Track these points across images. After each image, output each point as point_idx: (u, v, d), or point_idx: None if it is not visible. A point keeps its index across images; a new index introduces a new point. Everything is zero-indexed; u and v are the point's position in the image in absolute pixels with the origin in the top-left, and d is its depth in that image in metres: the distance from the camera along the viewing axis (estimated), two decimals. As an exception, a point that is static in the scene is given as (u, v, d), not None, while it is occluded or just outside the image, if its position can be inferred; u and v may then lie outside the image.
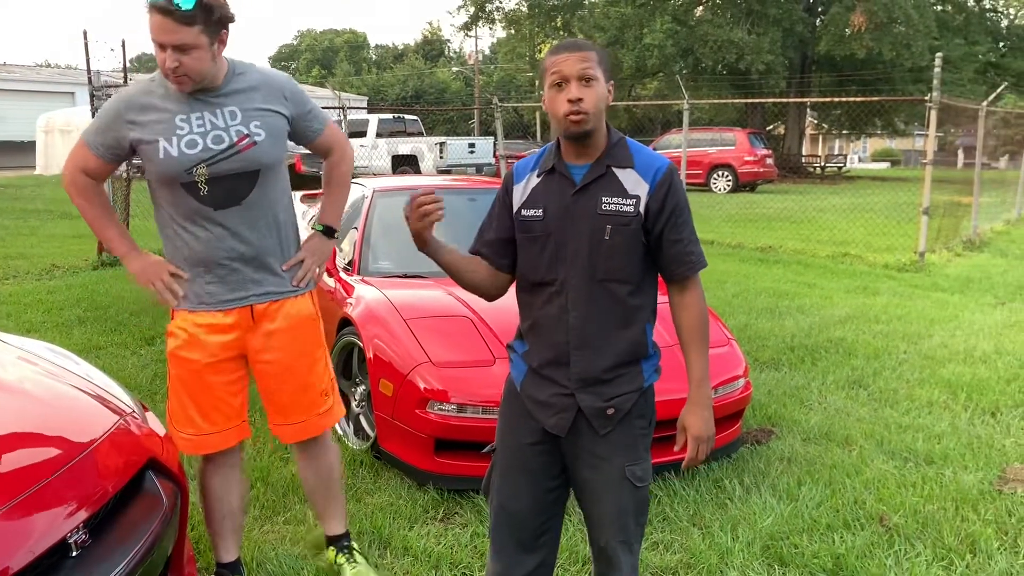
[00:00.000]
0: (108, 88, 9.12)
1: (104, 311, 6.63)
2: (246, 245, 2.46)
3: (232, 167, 2.40)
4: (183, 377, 2.54)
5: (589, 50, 1.94)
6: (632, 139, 2.06)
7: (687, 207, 2.01)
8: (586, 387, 2.02)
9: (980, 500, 3.50)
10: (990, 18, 32.15)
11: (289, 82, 2.57)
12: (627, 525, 2.05)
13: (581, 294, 1.99)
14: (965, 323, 6.77)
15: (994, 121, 14.95)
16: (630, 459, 2.03)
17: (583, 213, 1.98)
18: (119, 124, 2.41)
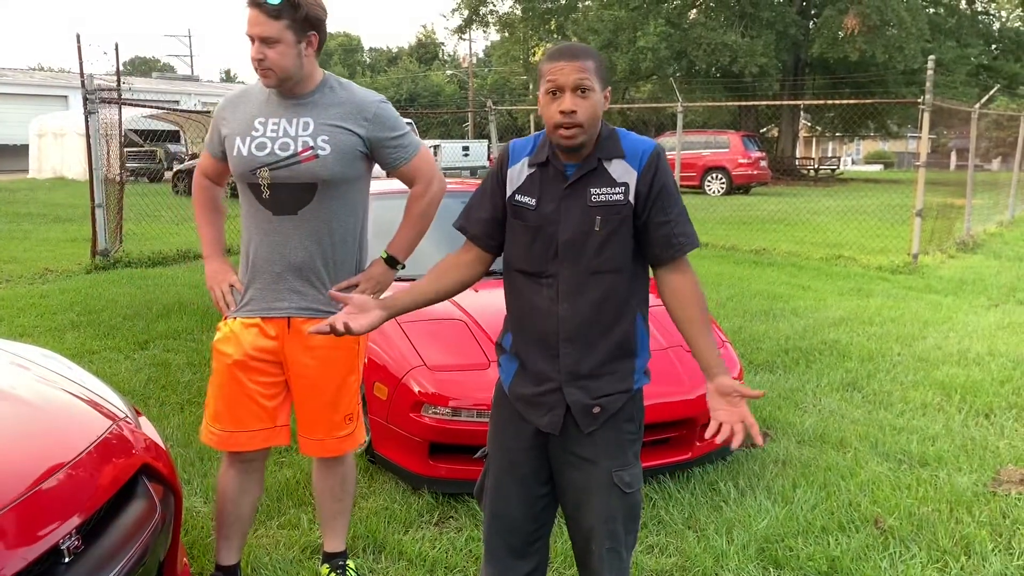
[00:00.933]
0: (102, 91, 9.10)
1: (97, 315, 6.61)
2: (295, 255, 2.49)
3: (292, 176, 2.43)
4: (218, 370, 2.57)
5: (587, 59, 1.90)
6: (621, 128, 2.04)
7: (675, 187, 1.99)
8: (574, 381, 1.99)
9: (974, 502, 3.50)
10: (982, 21, 32.29)
11: (378, 106, 2.51)
12: (616, 532, 2.02)
13: (572, 286, 1.97)
14: (959, 325, 6.78)
15: (986, 123, 15.02)
16: (618, 463, 2.00)
17: (574, 207, 1.96)
18: (219, 120, 2.55)
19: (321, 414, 2.61)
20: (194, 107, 27.51)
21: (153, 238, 10.67)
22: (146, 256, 9.55)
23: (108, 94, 9.27)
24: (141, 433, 2.42)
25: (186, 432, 4.12)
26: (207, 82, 51.89)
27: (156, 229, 11.42)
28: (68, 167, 26.79)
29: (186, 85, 45.41)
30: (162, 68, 68.22)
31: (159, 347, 5.73)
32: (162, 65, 72.97)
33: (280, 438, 2.63)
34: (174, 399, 4.63)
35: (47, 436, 2.12)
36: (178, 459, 3.77)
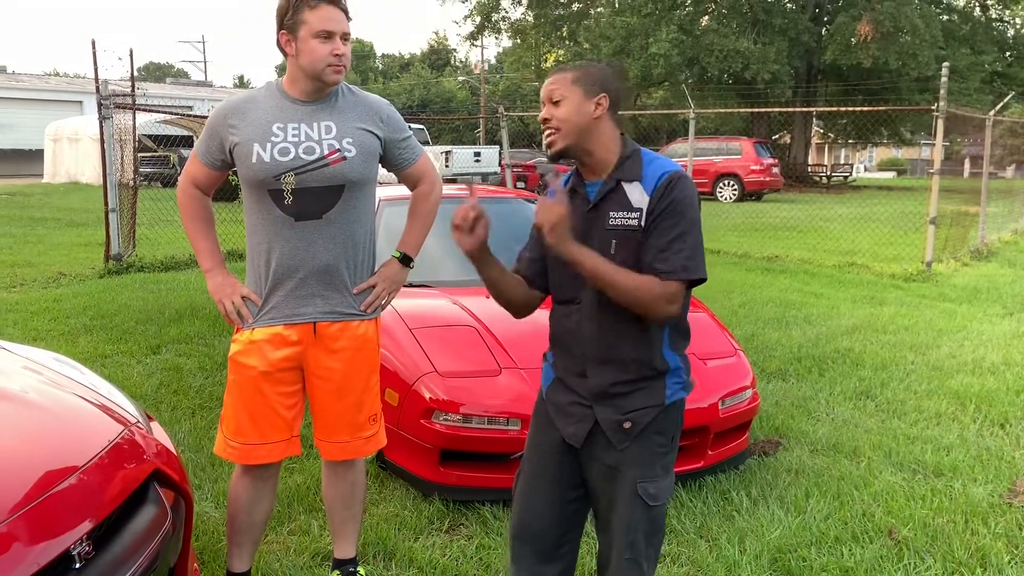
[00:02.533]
0: (116, 97, 9.15)
1: (110, 320, 6.63)
2: (320, 259, 2.49)
3: (319, 179, 2.44)
4: (239, 383, 2.55)
5: (565, 72, 2.02)
6: (648, 151, 2.05)
7: (680, 214, 1.92)
8: (602, 400, 2.04)
9: (990, 513, 3.47)
10: (996, 28, 32.11)
11: (388, 107, 2.61)
12: (636, 543, 2.02)
13: (594, 309, 2.02)
14: (973, 333, 6.73)
15: (1001, 130, 14.92)
16: (644, 475, 2.01)
17: (594, 230, 2.00)
18: (222, 128, 2.48)
19: (346, 416, 2.60)
20: (208, 112, 27.67)
21: (166, 242, 10.71)
22: (159, 260, 9.59)
23: (123, 100, 9.33)
24: (152, 438, 2.42)
25: (197, 437, 4.12)
26: (220, 88, 52.19)
27: (169, 233, 11.45)
28: (82, 172, 26.98)
29: (199, 91, 45.69)
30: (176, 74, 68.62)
31: (171, 352, 5.74)
32: (176, 71, 73.45)
33: (295, 448, 2.63)
34: (185, 404, 4.64)
35: (59, 441, 2.13)
36: (189, 464, 3.77)
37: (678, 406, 2.07)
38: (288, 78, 2.50)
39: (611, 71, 2.06)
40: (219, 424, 2.63)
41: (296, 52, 2.41)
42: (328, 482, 2.76)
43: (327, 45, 2.38)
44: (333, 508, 2.77)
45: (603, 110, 1.99)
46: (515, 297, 2.19)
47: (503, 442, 3.33)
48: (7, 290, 8.02)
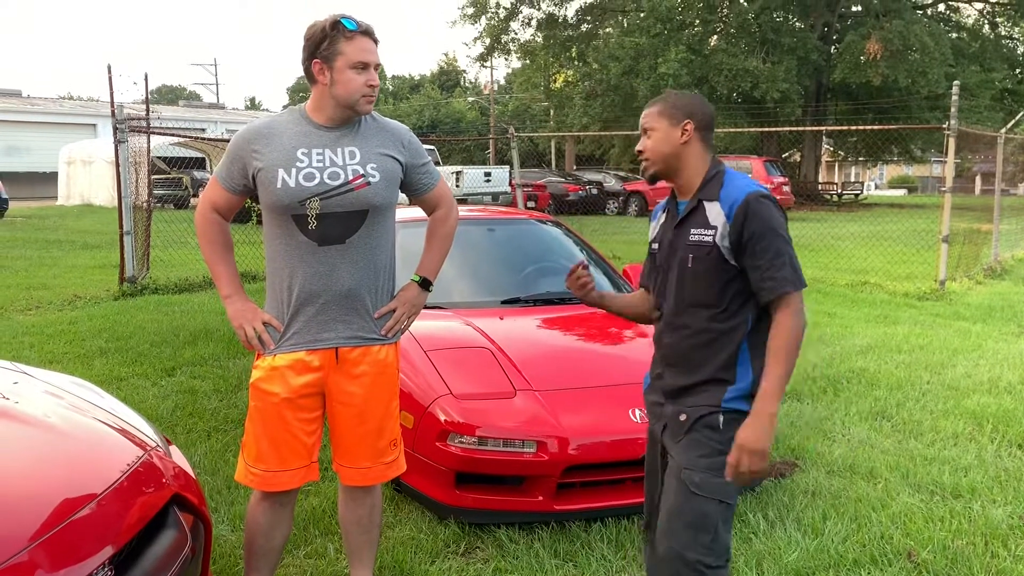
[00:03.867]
0: (131, 120, 9.25)
1: (126, 342, 6.67)
2: (342, 284, 2.50)
3: (343, 204, 2.46)
4: (261, 410, 2.54)
5: (652, 106, 2.27)
6: (732, 171, 2.24)
7: (771, 233, 2.10)
8: (672, 398, 2.25)
9: (1010, 535, 3.44)
10: (1006, 45, 32.10)
11: (408, 133, 2.66)
12: (676, 530, 2.13)
13: (672, 317, 2.26)
14: (988, 352, 6.69)
15: (1012, 147, 14.89)
16: (691, 463, 2.16)
17: (679, 244, 2.23)
18: (245, 153, 2.49)
19: (366, 441, 2.61)
20: (220, 135, 27.88)
21: (179, 264, 10.78)
22: (173, 283, 9.65)
23: (137, 123, 9.42)
24: (171, 462, 2.44)
25: (213, 460, 4.14)
26: (232, 110, 52.67)
27: (182, 255, 11.53)
28: (96, 194, 27.20)
29: (212, 113, 46.11)
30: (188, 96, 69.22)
31: (186, 374, 5.77)
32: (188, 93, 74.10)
33: (314, 473, 2.63)
34: (201, 426, 4.65)
35: (80, 465, 2.14)
36: (205, 487, 3.78)
37: (739, 416, 2.13)
38: (314, 105, 2.51)
39: (695, 99, 2.27)
40: (240, 451, 2.63)
41: (331, 81, 2.43)
42: (345, 506, 2.76)
43: (363, 76, 2.42)
44: (350, 532, 2.77)
45: (690, 135, 2.21)
46: (639, 312, 2.50)
47: (519, 464, 3.33)
48: (23, 312, 8.08)
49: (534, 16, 34.05)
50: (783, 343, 2.07)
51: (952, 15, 32.68)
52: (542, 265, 5.09)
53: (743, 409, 2.13)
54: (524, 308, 4.51)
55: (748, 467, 2.04)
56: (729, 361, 2.17)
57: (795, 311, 2.08)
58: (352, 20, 2.43)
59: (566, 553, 3.26)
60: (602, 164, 38.00)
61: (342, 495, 2.76)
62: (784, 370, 2.06)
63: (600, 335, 4.31)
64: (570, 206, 23.14)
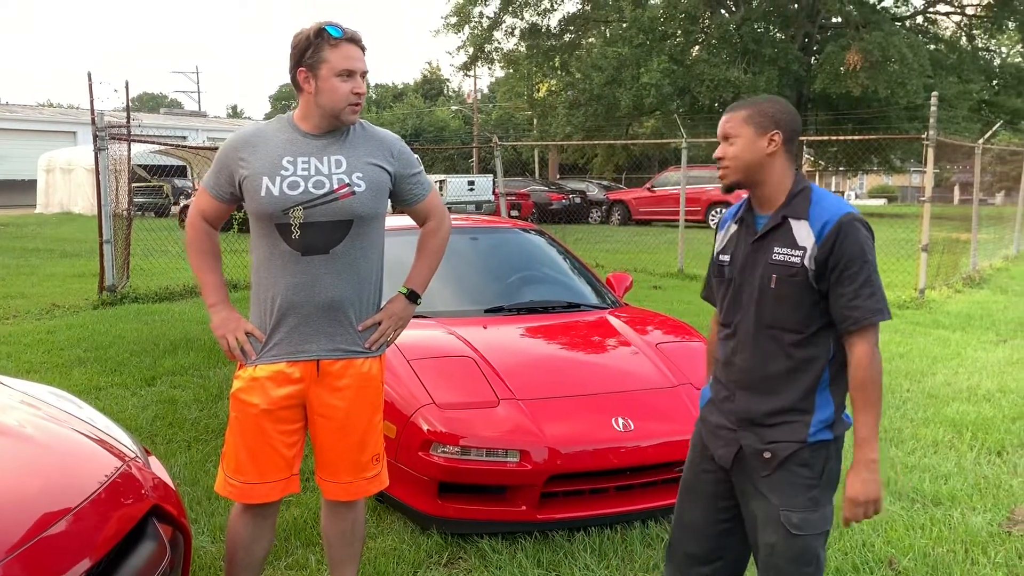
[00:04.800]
0: (112, 128, 9.18)
1: (104, 351, 6.60)
2: (325, 295, 2.46)
3: (327, 214, 2.43)
4: (241, 421, 2.51)
5: (737, 111, 2.11)
6: (818, 187, 2.11)
7: (861, 260, 2.00)
8: (747, 427, 2.13)
9: (989, 542, 3.46)
10: (983, 57, 32.51)
11: (398, 142, 2.62)
12: (781, 567, 2.08)
13: (749, 338, 2.12)
14: (968, 361, 6.75)
15: (990, 157, 15.07)
16: (788, 504, 2.06)
17: (759, 261, 2.10)
18: (232, 161, 2.47)
19: (348, 456, 2.57)
20: (202, 143, 27.76)
21: (160, 273, 10.70)
22: (153, 291, 9.57)
23: (118, 131, 9.36)
24: (150, 473, 2.41)
25: (193, 470, 4.10)
26: (214, 118, 52.45)
27: (163, 264, 11.46)
28: (75, 202, 26.99)
29: (193, 121, 45.90)
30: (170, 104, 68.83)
31: (166, 383, 5.72)
32: (170, 101, 73.75)
33: (294, 486, 2.60)
34: (181, 436, 4.61)
35: (58, 477, 2.11)
36: (185, 497, 3.74)
37: (827, 446, 2.08)
38: (301, 113, 2.49)
39: (783, 107, 2.11)
40: (220, 461, 2.59)
41: (316, 90, 2.41)
42: (328, 520, 2.73)
43: (348, 84, 2.39)
44: (332, 546, 2.74)
45: (777, 146, 2.07)
46: None
47: (502, 474, 3.32)
48: (0, 322, 7.99)
49: (517, 26, 34.15)
50: (870, 381, 1.99)
51: (930, 27, 33.07)
52: (525, 274, 5.09)
53: (828, 439, 2.07)
54: (508, 317, 4.51)
55: (866, 517, 2.02)
56: (809, 389, 2.06)
57: (875, 345, 2.00)
58: (337, 27, 2.40)
59: (549, 563, 3.25)
60: (585, 173, 38.10)
61: (325, 509, 2.73)
62: (876, 411, 2.00)
63: (584, 344, 4.31)
64: (553, 215, 23.18)
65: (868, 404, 2.00)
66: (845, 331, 2.01)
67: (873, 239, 2.07)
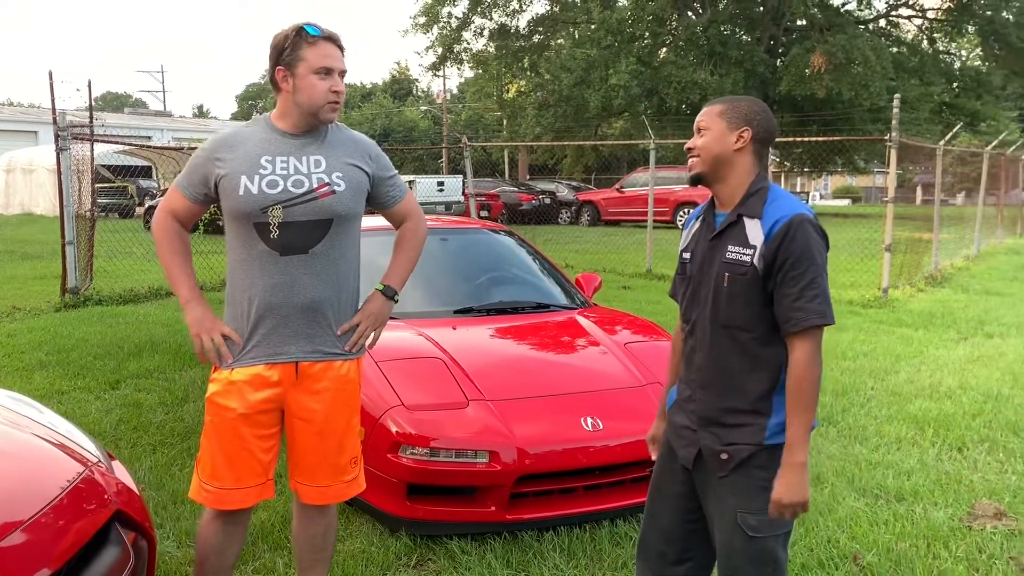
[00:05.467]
0: (74, 128, 9.04)
1: (67, 355, 6.49)
2: (304, 296, 2.44)
3: (307, 213, 2.41)
4: (217, 425, 2.47)
5: (714, 105, 2.15)
6: (777, 187, 2.12)
7: (808, 261, 1.99)
8: (706, 426, 2.14)
9: (951, 537, 3.52)
10: (943, 60, 33.08)
11: (375, 146, 2.63)
12: (740, 568, 2.09)
13: (706, 336, 2.14)
14: (930, 359, 6.87)
15: (951, 159, 15.35)
16: (744, 506, 2.07)
17: (715, 260, 2.12)
18: (208, 162, 2.45)
19: (327, 459, 2.55)
20: (167, 143, 27.43)
21: (124, 275, 10.56)
22: (117, 294, 9.43)
23: (80, 131, 9.21)
24: (114, 478, 2.38)
25: (158, 474, 4.04)
26: (179, 118, 51.82)
27: (127, 266, 11.30)
28: (36, 203, 26.52)
29: (158, 121, 45.32)
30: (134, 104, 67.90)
31: (130, 387, 5.63)
32: (134, 100, 72.75)
33: (269, 491, 2.57)
34: (146, 440, 4.55)
35: (16, 485, 2.07)
36: (150, 502, 3.69)
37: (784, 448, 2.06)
38: (279, 112, 2.48)
39: (759, 108, 2.13)
40: (195, 467, 2.55)
41: (294, 88, 2.40)
42: (300, 524, 2.70)
43: (326, 82, 2.38)
44: (302, 550, 2.71)
45: (744, 143, 2.09)
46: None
47: (471, 475, 3.31)
48: (-41, 325, 7.82)
49: (486, 26, 34.17)
50: (807, 385, 1.97)
51: (893, 30, 33.58)
52: (495, 275, 5.09)
53: (782, 441, 2.06)
54: (477, 318, 4.51)
55: (791, 518, 2.01)
56: (767, 391, 2.06)
57: (816, 349, 1.99)
58: (315, 26, 2.40)
59: (518, 563, 3.25)
60: (555, 174, 38.22)
61: (297, 513, 2.70)
62: (809, 416, 1.98)
63: (553, 344, 4.32)
64: (523, 215, 23.22)
65: (801, 406, 1.98)
66: (787, 332, 2.01)
67: (826, 243, 2.07)
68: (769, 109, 2.16)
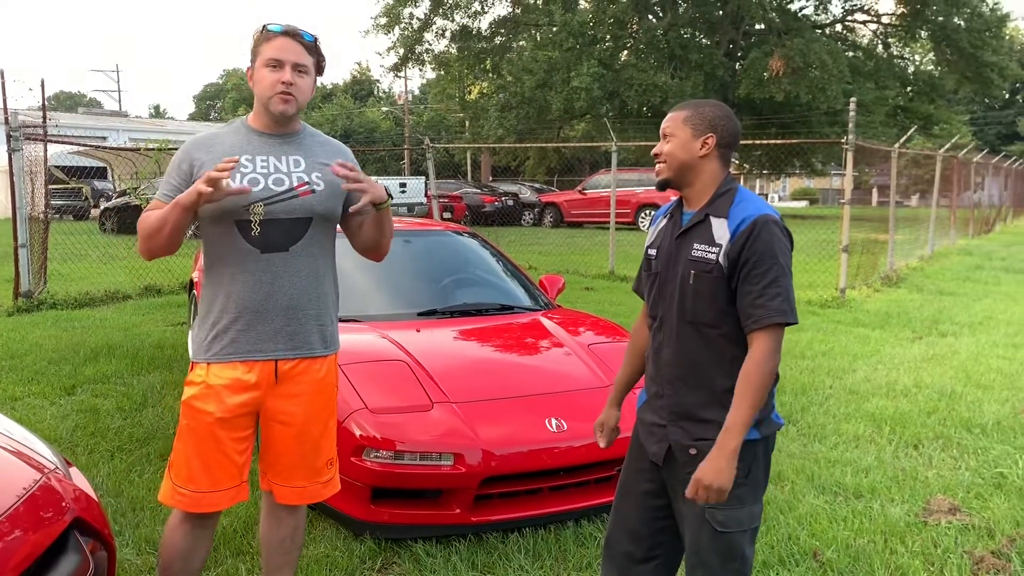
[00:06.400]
0: (27, 128, 8.85)
1: (21, 360, 6.35)
2: (285, 294, 2.44)
3: (287, 211, 2.42)
4: (193, 428, 2.44)
5: (680, 110, 2.19)
6: (744, 189, 2.16)
7: (770, 260, 2.02)
8: (676, 421, 2.17)
9: (907, 532, 3.60)
10: (898, 64, 33.79)
11: (351, 153, 2.64)
12: (707, 563, 2.11)
13: (674, 332, 2.17)
14: (886, 357, 7.00)
15: (905, 161, 15.66)
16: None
17: (680, 257, 2.16)
18: (186, 163, 2.44)
19: (304, 461, 2.54)
20: (123, 143, 26.96)
21: (79, 278, 10.37)
22: (72, 297, 9.25)
23: (33, 131, 9.02)
24: (72, 485, 2.33)
25: (117, 481, 3.97)
26: (136, 118, 50.94)
27: (82, 269, 11.10)
28: (-13, 204, 25.87)
29: (113, 121, 44.49)
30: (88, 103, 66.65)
31: (87, 392, 5.53)
32: (88, 100, 71.38)
33: (244, 494, 2.55)
34: (104, 446, 4.47)
35: (-29, 492, 2.03)
36: (109, 509, 3.63)
37: (754, 445, 2.09)
38: (253, 113, 2.51)
39: (722, 113, 2.17)
40: (167, 471, 2.52)
41: (254, 83, 2.44)
42: (268, 525, 2.67)
43: (275, 74, 2.38)
44: (270, 553, 2.69)
45: (710, 149, 2.13)
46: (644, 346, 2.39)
47: (436, 478, 3.31)
48: (-93, 330, 7.61)
49: (448, 28, 34.12)
50: (757, 379, 1.99)
51: (848, 35, 34.22)
52: (458, 277, 5.09)
53: (755, 439, 2.09)
54: (441, 320, 4.50)
55: (707, 501, 2.01)
56: (732, 385, 2.06)
57: (775, 347, 2.02)
58: (278, 24, 2.43)
59: (483, 565, 3.26)
60: (517, 176, 38.29)
61: (266, 514, 2.68)
62: (753, 407, 2.00)
63: (517, 346, 4.33)
64: (486, 217, 23.23)
65: (746, 397, 1.99)
66: (748, 329, 2.04)
67: (790, 243, 2.11)
68: (733, 113, 2.20)
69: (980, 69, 30.37)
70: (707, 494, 2.00)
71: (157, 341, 7.03)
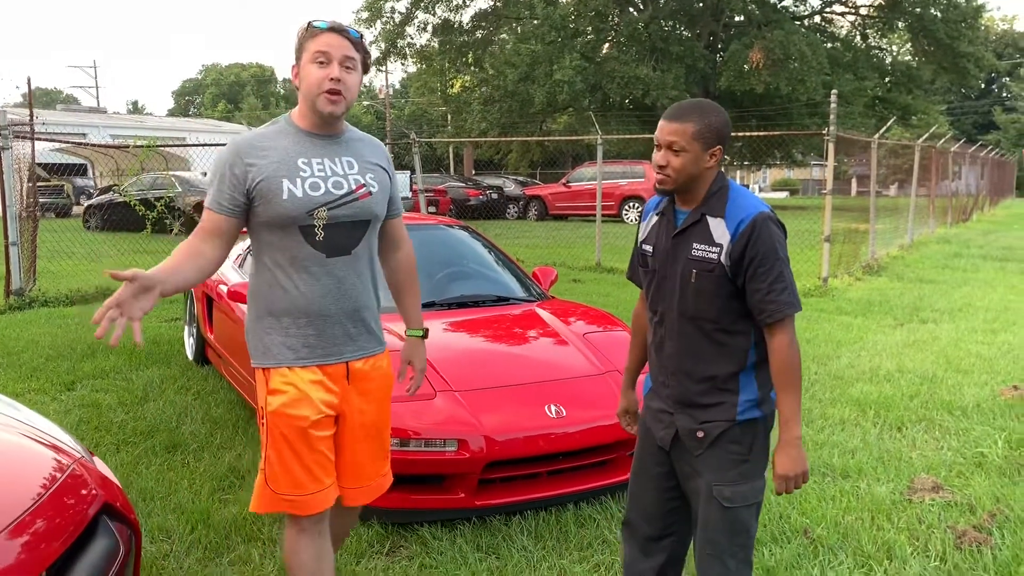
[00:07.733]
0: (15, 126, 8.85)
1: (18, 357, 6.40)
2: (349, 297, 2.42)
3: (348, 214, 2.38)
4: (289, 436, 2.37)
5: (685, 121, 2.14)
6: (734, 184, 2.23)
7: (773, 256, 2.13)
8: (682, 409, 2.27)
9: (893, 509, 3.75)
10: (876, 55, 34.07)
11: (385, 149, 2.61)
12: (715, 539, 2.23)
13: (675, 327, 2.26)
14: (869, 344, 7.17)
15: (884, 152, 15.86)
16: (718, 479, 2.21)
17: (679, 255, 2.22)
18: (239, 170, 2.32)
19: (376, 456, 2.56)
20: (104, 140, 26.77)
21: (68, 275, 10.37)
22: (63, 294, 9.26)
23: (21, 129, 9.02)
24: (97, 471, 2.42)
25: (124, 473, 4.06)
26: (115, 114, 50.49)
27: (69, 266, 11.09)
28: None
29: (93, 117, 44.04)
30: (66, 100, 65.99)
31: (87, 387, 5.59)
32: (65, 97, 70.65)
33: (336, 491, 2.51)
34: (108, 440, 4.54)
35: (8, 479, 2.11)
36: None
37: (755, 423, 2.23)
38: (298, 111, 2.42)
39: (725, 119, 2.19)
40: (262, 482, 2.42)
41: (300, 81, 2.35)
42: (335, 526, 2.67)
43: (323, 70, 2.29)
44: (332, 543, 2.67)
45: (716, 159, 2.17)
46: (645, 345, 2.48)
47: (440, 464, 3.42)
48: (-101, 329, 7.62)
49: (429, 21, 34.04)
50: (789, 367, 2.14)
51: (827, 26, 34.49)
52: (454, 269, 5.18)
53: (756, 416, 2.22)
54: (439, 312, 4.60)
55: (796, 488, 2.19)
56: (733, 372, 2.20)
57: (791, 334, 2.15)
58: (323, 21, 2.35)
59: (488, 546, 3.37)
60: (501, 169, 38.32)
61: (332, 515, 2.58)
62: (796, 393, 2.14)
63: (513, 336, 4.44)
64: (471, 211, 23.26)
65: (788, 386, 2.15)
66: (763, 324, 2.16)
67: (785, 236, 2.23)
68: (726, 112, 2.26)
69: (956, 59, 30.69)
70: (795, 482, 2.18)
71: (152, 337, 7.08)
